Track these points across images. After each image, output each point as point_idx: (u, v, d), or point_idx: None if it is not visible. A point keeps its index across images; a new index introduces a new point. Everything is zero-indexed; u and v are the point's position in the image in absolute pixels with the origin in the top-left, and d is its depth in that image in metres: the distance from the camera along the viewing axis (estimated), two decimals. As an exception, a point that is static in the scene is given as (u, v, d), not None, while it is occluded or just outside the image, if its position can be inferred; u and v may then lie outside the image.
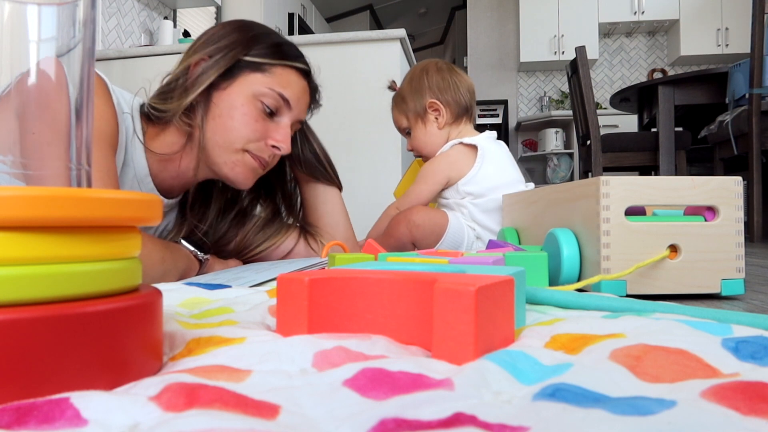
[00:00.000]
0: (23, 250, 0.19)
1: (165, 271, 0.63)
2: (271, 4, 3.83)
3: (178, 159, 0.72)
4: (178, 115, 0.68)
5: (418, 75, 1.20)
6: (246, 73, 0.70)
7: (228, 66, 0.69)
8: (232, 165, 0.71)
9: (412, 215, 1.05)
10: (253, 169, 0.72)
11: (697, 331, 0.28)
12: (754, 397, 0.18)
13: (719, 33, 4.32)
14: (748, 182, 1.97)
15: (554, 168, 4.43)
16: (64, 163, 0.25)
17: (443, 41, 7.01)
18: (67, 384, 0.19)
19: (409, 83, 1.20)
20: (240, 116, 0.69)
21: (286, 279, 0.30)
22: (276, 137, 0.72)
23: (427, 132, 1.18)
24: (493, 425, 0.17)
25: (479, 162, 1.10)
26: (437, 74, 1.18)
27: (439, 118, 1.17)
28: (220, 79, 0.69)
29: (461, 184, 1.10)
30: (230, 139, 0.69)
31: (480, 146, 1.11)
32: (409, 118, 1.19)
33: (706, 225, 0.58)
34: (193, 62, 0.69)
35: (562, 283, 0.61)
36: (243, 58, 0.70)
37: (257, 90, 0.70)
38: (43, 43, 0.24)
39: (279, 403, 0.19)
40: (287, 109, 0.73)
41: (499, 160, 1.13)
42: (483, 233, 1.08)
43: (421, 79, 1.18)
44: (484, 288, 0.25)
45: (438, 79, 1.18)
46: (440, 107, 1.16)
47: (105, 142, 0.61)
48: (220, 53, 0.69)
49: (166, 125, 0.70)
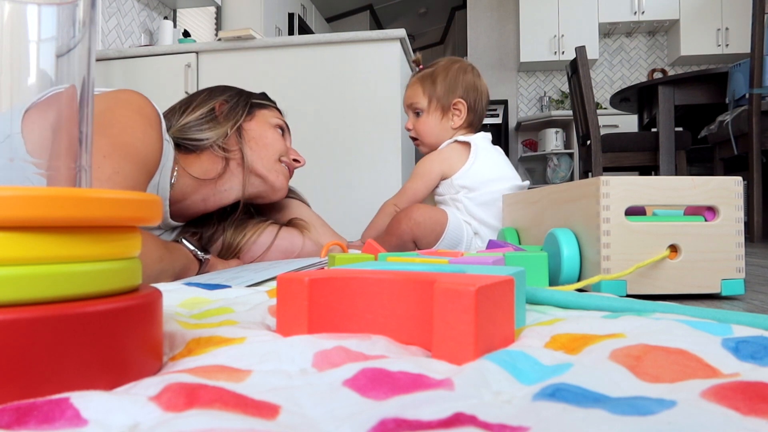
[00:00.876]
0: (23, 250, 0.19)
1: (162, 270, 0.63)
2: (271, 4, 3.83)
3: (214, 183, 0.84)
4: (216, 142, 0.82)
5: (456, 69, 1.21)
6: (259, 110, 0.90)
7: (248, 103, 0.89)
8: (276, 174, 0.87)
9: (413, 213, 1.05)
10: (287, 176, 0.90)
11: (697, 331, 0.28)
12: (754, 397, 0.18)
13: (719, 33, 4.32)
14: (748, 182, 1.97)
15: (554, 168, 4.43)
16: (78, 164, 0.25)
17: (443, 41, 7.01)
18: (67, 384, 0.19)
19: (444, 70, 1.20)
20: (271, 135, 0.88)
21: (286, 279, 0.30)
22: (294, 153, 0.92)
23: (441, 125, 1.20)
24: (493, 425, 0.17)
25: (473, 157, 1.12)
26: (472, 77, 1.21)
27: (457, 119, 1.19)
28: (247, 114, 0.88)
29: (455, 178, 1.12)
30: (270, 153, 0.87)
31: (473, 143, 1.13)
32: (432, 102, 1.20)
33: (706, 225, 0.58)
34: (217, 104, 0.86)
35: (562, 283, 0.61)
36: (253, 101, 0.90)
37: (272, 121, 0.90)
38: (43, 43, 0.24)
39: (279, 403, 0.19)
40: (288, 134, 0.94)
41: (492, 157, 1.15)
42: (480, 228, 1.09)
43: (458, 75, 1.20)
44: (484, 288, 0.25)
45: (472, 82, 1.20)
46: (464, 109, 1.19)
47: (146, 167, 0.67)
48: (236, 98, 0.88)
49: (200, 153, 0.83)
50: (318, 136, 2.02)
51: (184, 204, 0.83)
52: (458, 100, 1.18)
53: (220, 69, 2.18)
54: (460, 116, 1.19)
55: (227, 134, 0.84)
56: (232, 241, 0.89)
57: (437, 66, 1.22)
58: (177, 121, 0.83)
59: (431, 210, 1.08)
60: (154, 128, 0.70)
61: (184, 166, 0.81)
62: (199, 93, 0.89)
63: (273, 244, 0.90)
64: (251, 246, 0.89)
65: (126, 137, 0.64)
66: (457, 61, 1.23)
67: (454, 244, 1.07)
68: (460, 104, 1.18)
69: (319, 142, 2.01)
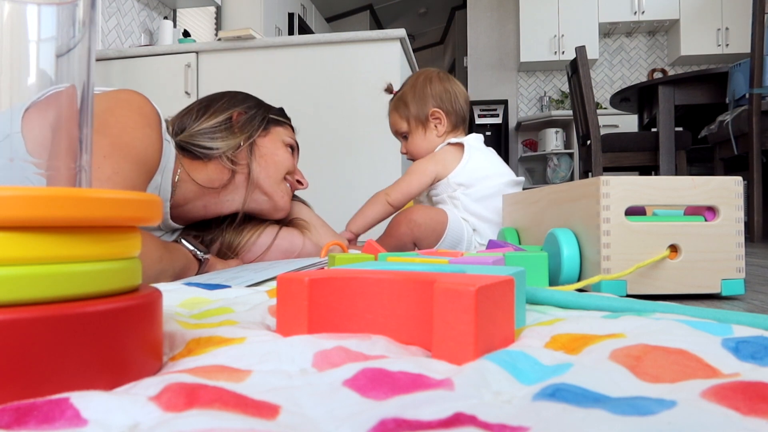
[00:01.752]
0: (23, 250, 0.19)
1: (161, 270, 0.64)
2: (271, 4, 3.83)
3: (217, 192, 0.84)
4: (226, 153, 0.81)
5: (421, 82, 1.22)
6: (275, 126, 0.90)
7: (265, 118, 0.88)
8: (281, 194, 0.88)
9: (412, 215, 1.05)
10: (290, 194, 0.91)
11: (697, 331, 0.28)
12: (754, 397, 0.18)
13: (719, 33, 4.32)
14: (748, 182, 1.97)
15: (554, 168, 4.43)
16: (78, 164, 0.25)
17: (443, 41, 7.00)
18: (67, 384, 0.19)
19: (411, 89, 1.22)
20: (282, 154, 0.89)
21: (286, 279, 0.30)
22: (299, 175, 0.93)
23: (426, 138, 1.22)
24: (493, 425, 0.17)
25: (467, 156, 1.13)
26: (439, 84, 1.21)
27: (439, 127, 1.21)
28: (263, 129, 0.88)
29: (452, 177, 1.12)
30: (278, 171, 0.87)
31: (466, 143, 1.15)
32: (410, 122, 1.22)
33: (706, 225, 0.58)
34: (234, 114, 0.85)
35: (562, 283, 0.61)
36: (270, 116, 0.90)
37: (285, 139, 0.90)
38: (43, 43, 0.24)
39: (279, 403, 0.19)
40: (297, 153, 0.95)
41: (486, 156, 1.17)
42: (478, 224, 1.09)
43: (425, 87, 1.21)
44: (484, 288, 0.25)
45: (440, 88, 1.21)
46: (442, 116, 1.20)
47: (146, 167, 0.67)
48: (254, 109, 0.88)
49: (208, 161, 0.82)
50: (318, 136, 2.02)
51: (184, 208, 0.83)
52: (433, 110, 1.19)
53: (220, 69, 2.18)
54: (441, 123, 1.20)
55: (239, 146, 0.83)
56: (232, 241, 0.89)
57: (405, 87, 1.24)
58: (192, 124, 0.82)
59: (431, 210, 1.08)
60: (154, 128, 0.70)
61: (189, 171, 0.81)
62: (218, 98, 0.88)
63: (273, 244, 0.90)
64: (251, 246, 0.89)
65: (126, 137, 0.64)
66: (422, 74, 1.24)
67: (454, 243, 1.07)
68: (437, 113, 1.19)
69: (319, 142, 2.01)
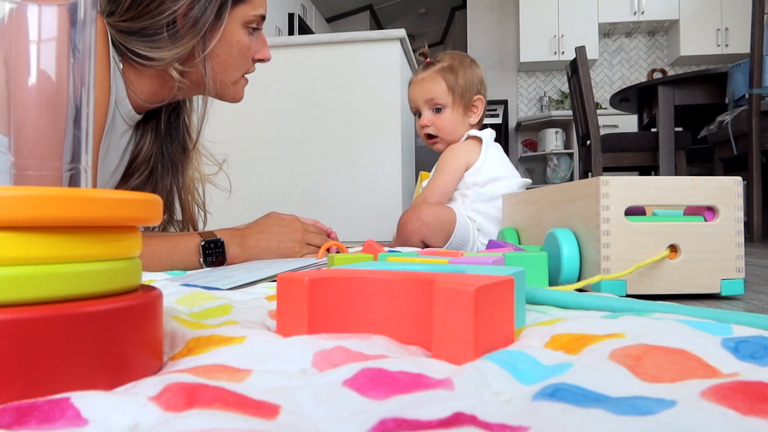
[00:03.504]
0: (23, 250, 0.19)
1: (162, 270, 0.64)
2: (271, 4, 3.83)
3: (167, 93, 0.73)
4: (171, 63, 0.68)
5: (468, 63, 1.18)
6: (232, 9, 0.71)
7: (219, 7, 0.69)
8: (235, 92, 0.77)
9: (420, 213, 1.04)
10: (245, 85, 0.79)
11: (697, 331, 0.28)
12: (754, 397, 0.18)
13: (719, 33, 4.32)
14: (748, 182, 1.97)
15: (554, 168, 4.43)
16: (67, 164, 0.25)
17: (443, 41, 7.00)
18: (67, 384, 0.19)
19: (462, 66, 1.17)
20: (237, 51, 0.73)
21: (286, 279, 0.30)
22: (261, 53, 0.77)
23: (462, 121, 1.18)
24: (493, 425, 0.17)
25: (484, 153, 1.12)
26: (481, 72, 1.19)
27: (475, 115, 1.19)
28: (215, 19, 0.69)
29: (468, 174, 1.12)
30: (234, 72, 0.74)
31: (484, 138, 1.14)
32: (455, 96, 1.16)
33: (706, 225, 0.58)
34: (180, 12, 0.66)
35: (562, 283, 0.61)
36: None
37: (245, 20, 0.72)
38: (43, 43, 0.24)
39: (279, 403, 0.19)
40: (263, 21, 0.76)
41: (498, 154, 1.17)
42: (484, 224, 1.09)
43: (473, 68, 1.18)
44: (484, 288, 0.25)
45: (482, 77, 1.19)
46: (480, 106, 1.18)
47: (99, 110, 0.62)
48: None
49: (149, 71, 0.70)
50: (318, 136, 2.01)
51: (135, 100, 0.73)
52: (478, 97, 1.17)
53: (220, 69, 2.18)
54: (476, 113, 1.18)
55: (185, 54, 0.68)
56: None
57: (453, 60, 1.18)
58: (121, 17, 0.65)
59: (439, 209, 1.06)
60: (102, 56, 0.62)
61: (128, 83, 0.69)
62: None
63: None
64: None
65: None
66: (466, 55, 1.21)
67: (461, 244, 1.07)
68: (479, 101, 1.17)
69: (319, 142, 2.01)
